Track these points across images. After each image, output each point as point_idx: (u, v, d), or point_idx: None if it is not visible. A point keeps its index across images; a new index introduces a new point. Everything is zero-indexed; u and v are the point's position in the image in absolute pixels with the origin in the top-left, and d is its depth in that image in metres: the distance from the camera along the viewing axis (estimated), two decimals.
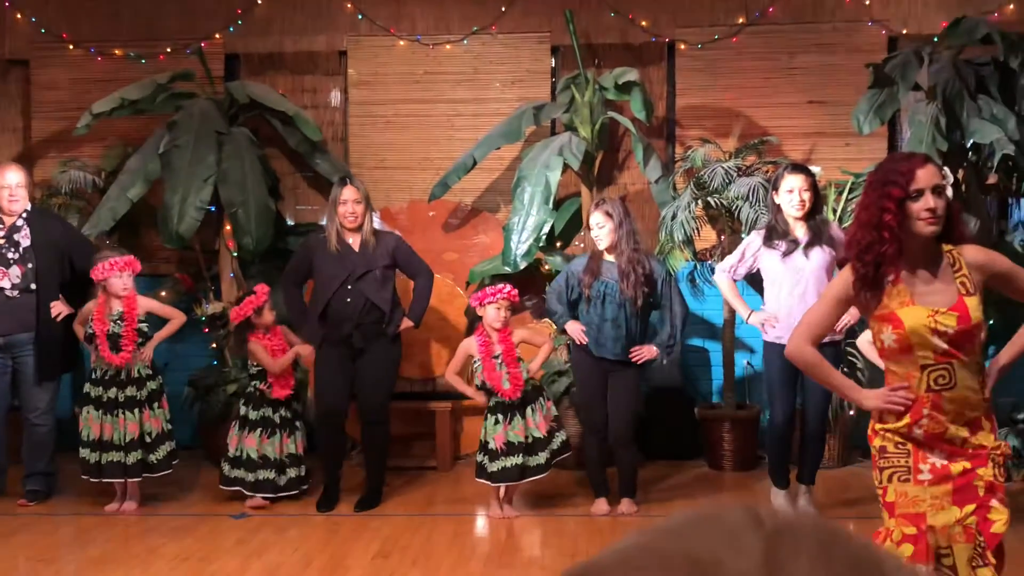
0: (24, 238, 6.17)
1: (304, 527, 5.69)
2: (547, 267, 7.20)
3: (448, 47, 7.68)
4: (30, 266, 6.14)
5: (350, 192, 5.93)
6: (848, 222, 6.45)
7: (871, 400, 3.28)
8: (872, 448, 3.29)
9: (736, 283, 5.84)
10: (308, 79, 7.82)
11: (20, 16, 7.80)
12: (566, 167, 6.90)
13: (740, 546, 0.70)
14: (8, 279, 6.10)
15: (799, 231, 5.49)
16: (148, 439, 5.99)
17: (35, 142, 7.87)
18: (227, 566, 5.05)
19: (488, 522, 5.80)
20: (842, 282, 3.25)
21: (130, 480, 6.00)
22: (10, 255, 6.12)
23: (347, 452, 6.37)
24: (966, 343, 3.12)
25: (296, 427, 6.21)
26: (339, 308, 5.91)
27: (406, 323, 6.07)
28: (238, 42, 7.77)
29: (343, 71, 7.79)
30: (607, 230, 5.67)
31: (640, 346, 5.73)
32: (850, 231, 3.27)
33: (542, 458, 5.75)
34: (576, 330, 5.76)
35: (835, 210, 6.69)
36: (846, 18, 7.40)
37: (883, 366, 3.29)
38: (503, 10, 7.60)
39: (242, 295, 6.35)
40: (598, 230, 5.70)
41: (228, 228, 7.20)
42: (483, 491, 5.98)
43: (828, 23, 7.42)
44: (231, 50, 7.78)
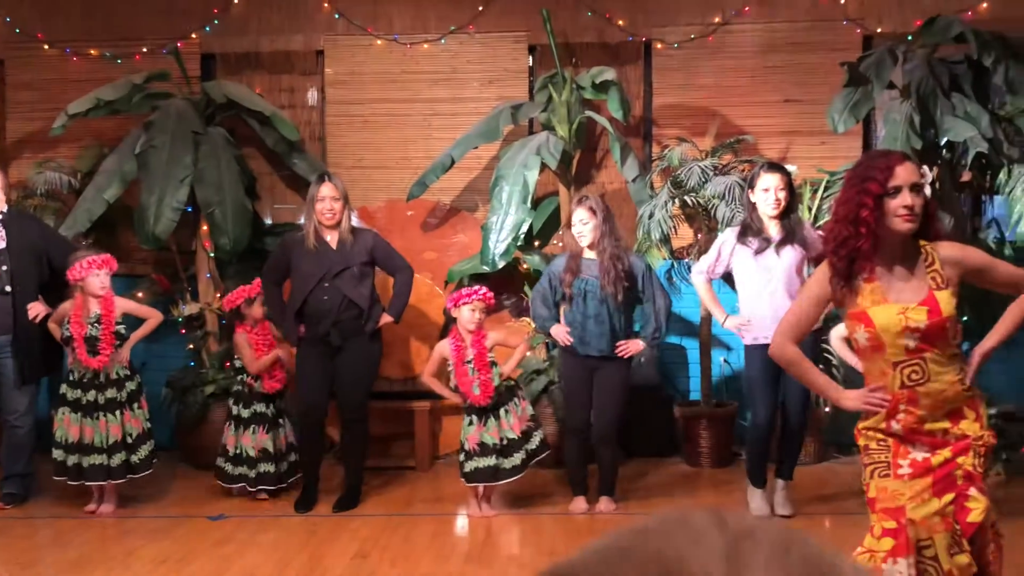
0: (0, 240, 6.14)
1: (282, 528, 5.68)
2: (525, 266, 7.21)
3: (426, 46, 7.69)
4: (4, 268, 6.10)
5: (328, 189, 5.93)
6: (823, 220, 6.50)
7: (850, 401, 3.32)
8: (858, 445, 3.33)
9: (712, 282, 5.87)
10: (285, 79, 7.80)
11: None
12: (544, 166, 6.92)
13: (704, 545, 0.73)
14: None
15: (773, 230, 5.53)
16: (129, 440, 5.98)
17: (10, 143, 7.83)
18: (205, 568, 5.04)
19: (467, 521, 5.81)
20: (820, 279, 3.28)
21: (112, 482, 5.98)
22: None
23: (325, 452, 6.36)
24: (938, 337, 3.15)
25: (289, 419, 6.31)
26: (317, 306, 5.91)
27: (386, 319, 6.07)
28: (214, 42, 7.75)
29: (320, 71, 7.78)
30: (591, 227, 5.69)
31: (625, 340, 5.76)
32: (827, 225, 3.31)
33: (517, 459, 5.77)
34: (561, 333, 5.79)
35: (810, 208, 6.74)
36: (821, 17, 7.44)
37: (855, 363, 3.32)
38: (480, 9, 7.61)
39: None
40: (582, 226, 5.71)
41: (205, 228, 7.19)
42: (462, 490, 5.99)
43: (803, 22, 7.46)
44: (207, 50, 7.76)
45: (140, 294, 7.36)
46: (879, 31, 7.36)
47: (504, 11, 7.63)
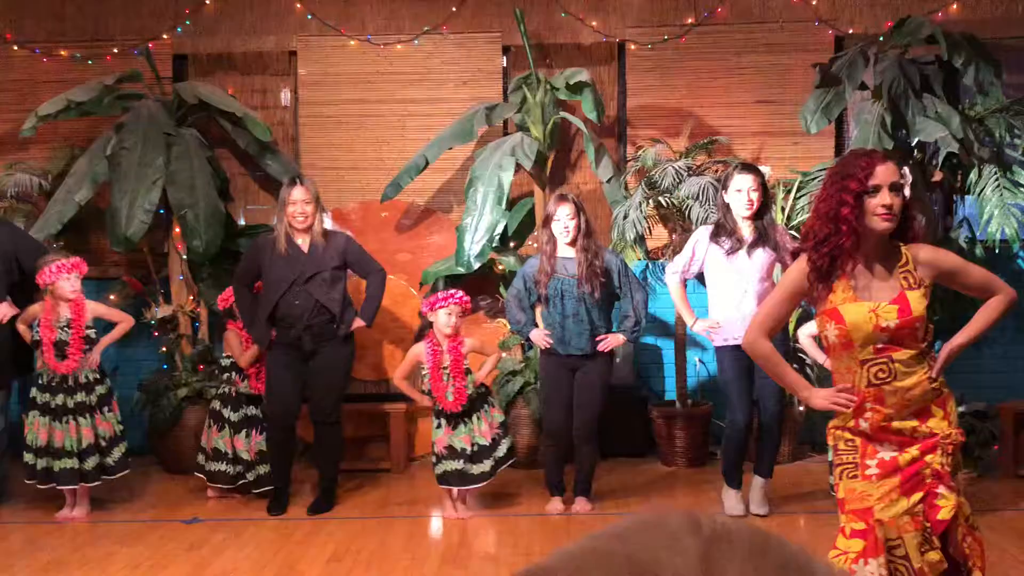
0: None
1: (257, 531, 5.65)
2: (501, 267, 7.20)
3: (399, 47, 7.67)
4: None
5: (300, 192, 5.89)
6: (797, 220, 6.54)
7: (818, 399, 3.34)
8: (830, 446, 3.36)
9: (687, 282, 5.89)
10: (258, 79, 7.76)
11: None
12: (519, 167, 6.92)
13: (679, 548, 0.73)
14: None
15: (746, 231, 5.55)
16: (103, 443, 5.93)
17: None
18: (179, 572, 5.00)
19: (442, 523, 5.80)
20: (797, 274, 3.30)
21: (85, 485, 5.93)
22: None
23: (297, 454, 6.32)
24: (907, 336, 3.18)
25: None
26: (288, 310, 5.87)
27: (358, 323, 6.04)
28: (186, 43, 7.69)
29: (293, 71, 7.74)
30: (576, 223, 5.70)
31: (605, 335, 5.76)
32: (808, 222, 3.33)
33: (487, 466, 5.77)
34: (541, 337, 5.79)
35: (783, 208, 6.77)
36: (793, 18, 7.48)
37: (824, 361, 3.35)
38: (454, 10, 7.60)
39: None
40: (568, 221, 5.70)
41: (177, 230, 7.14)
42: (437, 492, 5.98)
43: (776, 23, 7.50)
44: (179, 51, 7.71)
45: (112, 297, 7.31)
46: (851, 32, 7.41)
47: (477, 12, 7.62)
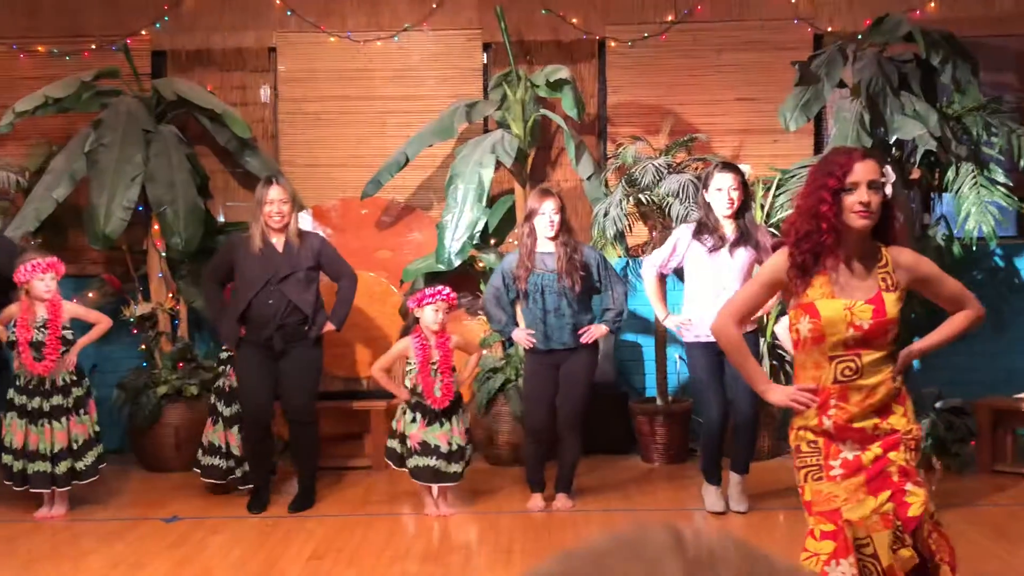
0: None
1: (237, 529, 5.63)
2: (481, 264, 7.20)
3: (379, 44, 7.65)
4: None
5: (277, 192, 5.85)
6: (776, 218, 6.56)
7: (776, 395, 3.37)
8: (791, 445, 3.36)
9: (666, 278, 5.91)
10: (237, 76, 7.73)
11: None
12: (499, 164, 6.92)
13: (661, 572, 0.69)
14: None
15: (728, 229, 5.57)
16: (75, 446, 5.90)
17: None
18: (159, 570, 4.98)
19: (423, 520, 5.80)
20: (776, 266, 3.31)
21: (57, 489, 5.89)
22: None
23: (275, 452, 6.29)
24: (878, 337, 3.21)
25: None
26: (261, 310, 5.82)
27: (328, 327, 6.01)
28: (165, 39, 7.65)
29: (273, 68, 7.71)
30: (560, 218, 5.71)
31: (587, 326, 5.77)
32: (790, 218, 3.35)
33: (460, 467, 5.78)
34: (523, 337, 5.79)
35: (763, 206, 6.79)
36: (772, 16, 7.51)
37: (788, 355, 3.35)
38: (434, 6, 7.59)
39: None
40: (553, 216, 5.70)
41: (156, 228, 7.10)
42: (418, 490, 5.97)
43: (755, 21, 7.53)
44: (158, 47, 7.67)
45: (91, 294, 7.26)
46: (829, 30, 7.44)
47: (458, 8, 7.61)
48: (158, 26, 7.63)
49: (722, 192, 5.51)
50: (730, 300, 3.58)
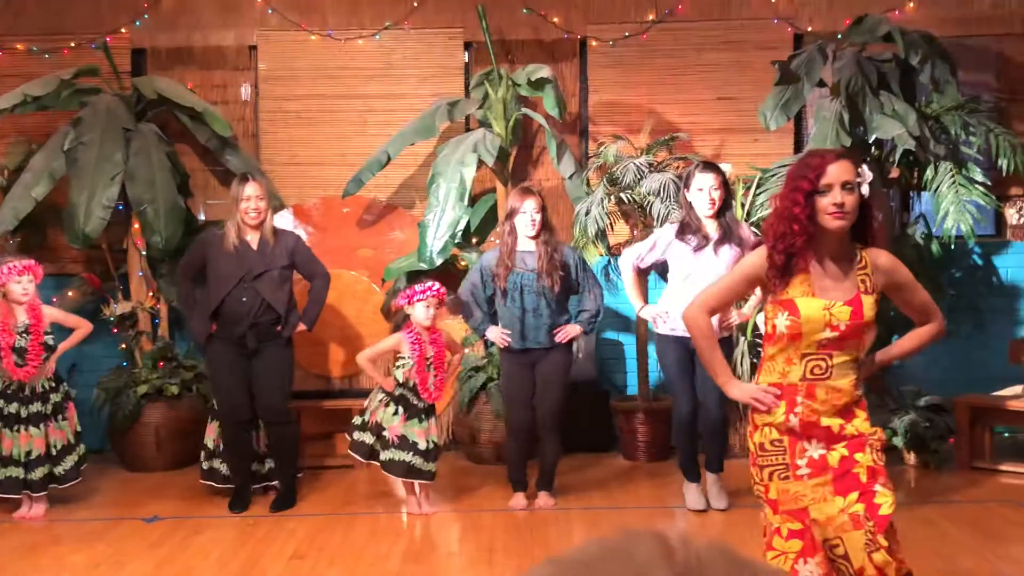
0: None
1: (218, 529, 5.62)
2: (463, 263, 7.21)
3: (360, 42, 7.64)
4: None
5: (253, 188, 5.84)
6: (756, 217, 6.59)
7: (737, 391, 3.39)
8: (751, 443, 3.37)
9: (645, 273, 5.92)
10: (217, 74, 7.70)
11: None
12: (481, 163, 6.92)
13: None
14: None
15: (710, 228, 5.58)
16: (54, 451, 5.87)
17: None
18: (140, 571, 4.96)
19: (405, 519, 5.80)
20: (755, 263, 3.33)
21: (29, 494, 5.86)
22: None
23: (257, 450, 6.26)
24: (852, 338, 3.25)
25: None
26: (234, 307, 5.80)
27: (300, 327, 5.99)
28: (145, 36, 7.62)
29: (253, 66, 7.69)
30: (541, 217, 5.72)
31: (563, 326, 5.78)
32: (768, 219, 3.37)
33: (434, 467, 5.79)
34: (498, 335, 5.79)
35: (743, 205, 6.82)
36: (753, 15, 7.54)
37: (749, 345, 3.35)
38: (415, 5, 7.58)
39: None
40: (535, 215, 5.71)
41: (136, 226, 7.07)
42: (400, 488, 5.97)
43: (736, 20, 7.55)
44: (138, 45, 7.63)
45: (71, 293, 7.23)
46: (809, 30, 7.47)
47: (439, 7, 7.61)
48: (138, 24, 7.60)
49: (703, 192, 5.53)
50: (704, 291, 3.60)
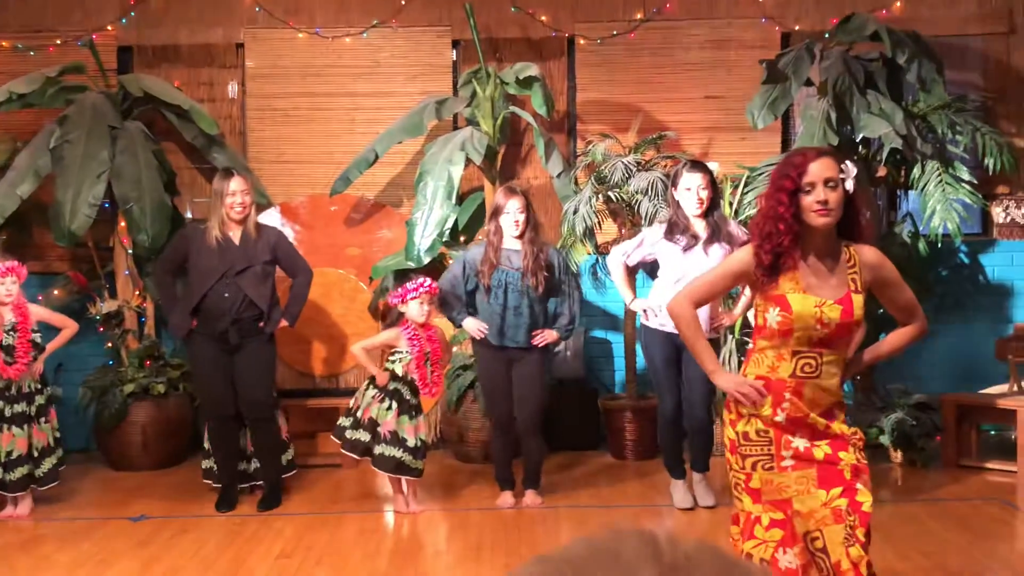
0: None
1: (205, 528, 5.59)
2: (451, 261, 7.19)
3: (348, 40, 7.62)
4: None
5: (238, 183, 5.80)
6: (744, 215, 6.60)
7: (724, 381, 3.38)
8: (732, 431, 3.36)
9: (635, 273, 5.92)
10: (204, 72, 7.68)
11: None
12: (469, 161, 6.91)
13: None
14: None
15: (698, 227, 5.58)
16: (35, 453, 5.84)
17: None
18: (126, 570, 4.94)
19: (393, 518, 5.79)
20: (743, 259, 3.34)
21: (4, 494, 5.83)
22: None
23: (244, 449, 6.25)
24: (841, 337, 3.26)
25: None
26: (216, 302, 5.76)
27: (282, 323, 5.98)
28: (131, 34, 7.59)
29: (240, 64, 7.67)
30: (525, 217, 5.71)
31: (541, 330, 5.78)
32: (754, 219, 3.39)
33: (421, 464, 5.78)
34: (474, 326, 5.78)
35: (731, 203, 6.83)
36: (740, 15, 7.55)
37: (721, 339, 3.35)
38: (403, 3, 7.57)
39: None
40: (518, 215, 5.70)
41: (123, 225, 7.04)
42: (387, 487, 5.96)
43: (723, 19, 7.56)
44: (124, 42, 7.60)
45: (56, 292, 7.20)
46: (797, 29, 7.49)
47: (427, 5, 7.60)
48: (124, 21, 7.57)
49: (691, 192, 5.52)
50: (689, 284, 3.61)
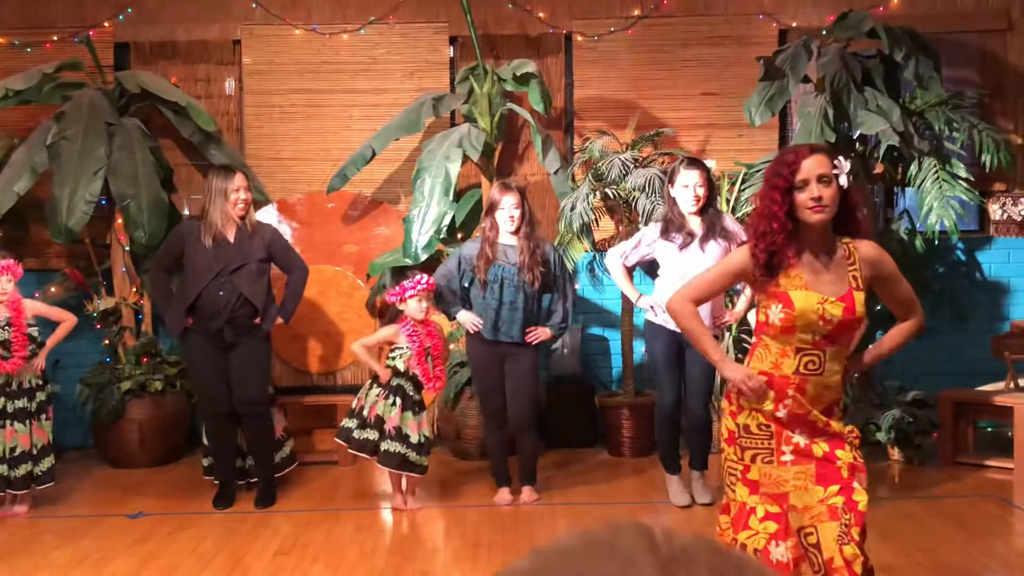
0: None
1: (202, 526, 5.60)
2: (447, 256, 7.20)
3: (345, 37, 7.61)
4: None
5: (241, 180, 5.79)
6: (740, 212, 6.61)
7: (732, 371, 3.37)
8: (732, 423, 3.37)
9: (632, 272, 5.92)
10: (201, 68, 7.67)
11: None
12: (466, 158, 6.91)
13: (635, 574, 0.68)
14: None
15: (694, 224, 5.57)
16: (35, 451, 5.84)
17: None
18: (124, 567, 4.94)
19: (391, 515, 5.79)
20: (741, 258, 3.35)
21: (11, 492, 5.83)
22: None
23: (240, 446, 6.24)
24: (844, 334, 3.27)
25: None
26: (211, 300, 5.75)
27: (277, 321, 5.97)
28: (128, 30, 7.58)
29: (238, 60, 7.66)
30: (520, 212, 5.71)
31: (535, 327, 5.78)
32: (750, 218, 3.39)
33: (425, 461, 5.78)
34: (469, 320, 5.78)
35: (728, 200, 6.83)
36: (738, 11, 7.55)
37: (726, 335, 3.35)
38: None
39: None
40: (513, 211, 5.70)
41: (120, 221, 7.04)
42: (385, 484, 5.96)
43: (720, 16, 7.56)
44: (121, 39, 7.59)
45: (53, 289, 7.19)
46: (794, 25, 7.49)
47: (424, 2, 7.59)
48: (121, 18, 7.56)
49: (688, 189, 5.52)
50: (688, 282, 3.63)
